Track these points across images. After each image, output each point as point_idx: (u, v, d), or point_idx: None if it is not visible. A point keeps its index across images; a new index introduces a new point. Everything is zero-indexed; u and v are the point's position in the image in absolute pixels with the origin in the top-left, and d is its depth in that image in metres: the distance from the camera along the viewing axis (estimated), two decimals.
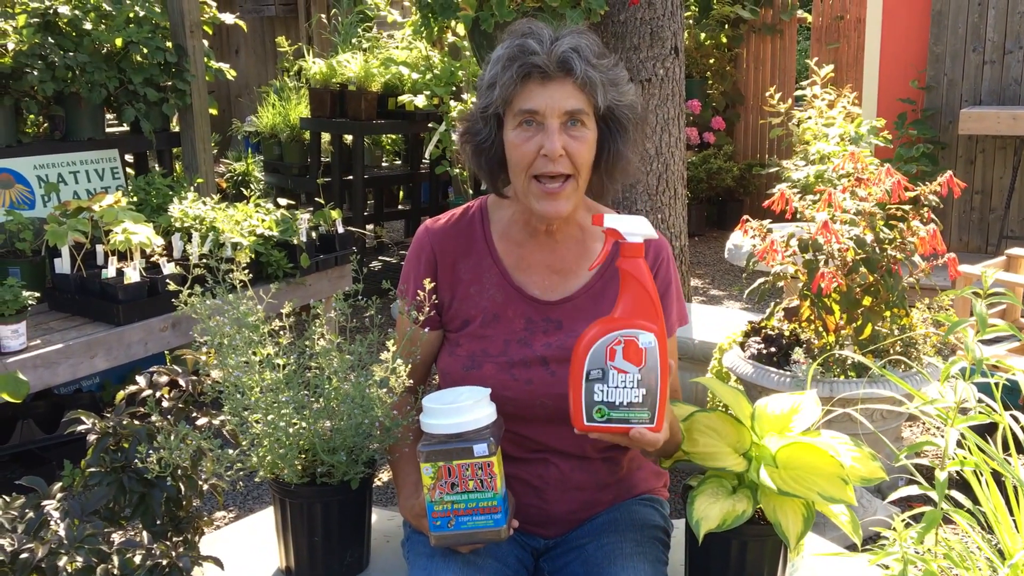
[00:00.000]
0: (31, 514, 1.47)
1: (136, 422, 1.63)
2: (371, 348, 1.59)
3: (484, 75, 1.58)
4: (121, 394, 1.70)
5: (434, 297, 1.60)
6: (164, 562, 1.41)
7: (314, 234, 3.72)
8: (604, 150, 1.57)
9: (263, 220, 3.55)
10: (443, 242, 1.66)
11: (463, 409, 1.43)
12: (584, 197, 1.67)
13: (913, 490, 1.49)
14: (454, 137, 1.72)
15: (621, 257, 1.37)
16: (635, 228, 1.36)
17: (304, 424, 1.52)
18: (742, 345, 2.77)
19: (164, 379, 1.71)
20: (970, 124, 5.38)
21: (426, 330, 1.62)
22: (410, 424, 1.56)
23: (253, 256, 3.38)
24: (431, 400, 1.47)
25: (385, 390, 1.53)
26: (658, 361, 1.34)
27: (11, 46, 3.59)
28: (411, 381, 1.57)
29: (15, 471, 3.14)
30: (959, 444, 1.49)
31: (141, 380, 1.72)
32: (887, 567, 1.44)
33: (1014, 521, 1.49)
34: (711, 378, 1.64)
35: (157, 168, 4.10)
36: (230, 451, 1.56)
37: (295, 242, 3.53)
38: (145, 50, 3.92)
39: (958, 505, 1.51)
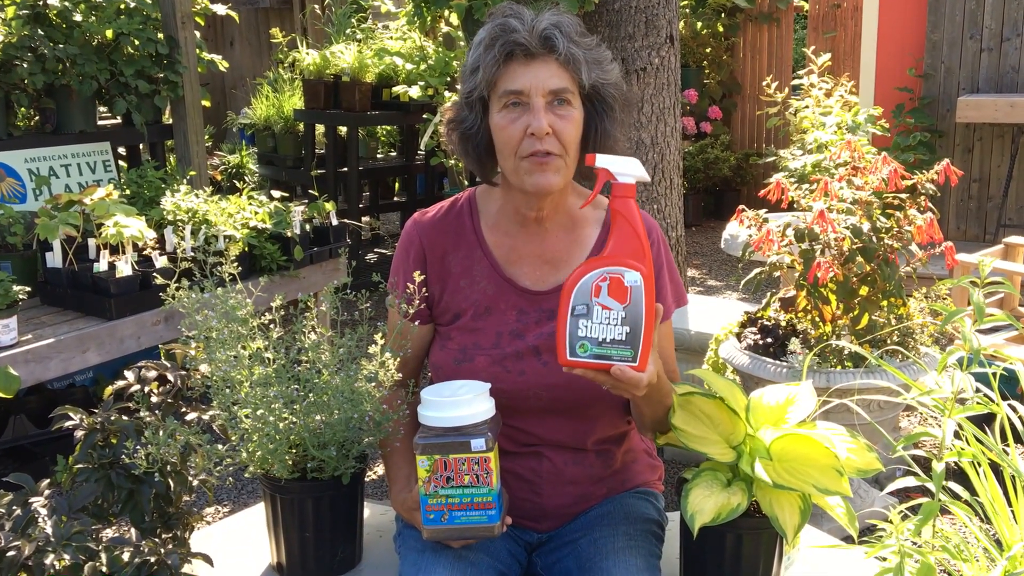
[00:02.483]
0: (18, 511, 1.45)
1: (124, 418, 1.61)
2: (361, 342, 1.58)
3: (467, 60, 1.56)
4: (109, 389, 1.68)
5: (424, 290, 1.58)
6: (152, 559, 1.40)
7: (308, 226, 3.70)
8: (591, 129, 1.56)
9: (256, 213, 3.53)
10: (432, 236, 1.64)
11: (462, 403, 1.42)
12: (575, 185, 1.66)
13: (910, 481, 1.48)
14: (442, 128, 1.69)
15: (612, 197, 1.38)
16: (627, 169, 1.38)
17: (294, 419, 1.51)
18: (738, 336, 2.75)
19: (153, 374, 1.70)
20: (968, 112, 5.36)
21: (416, 323, 1.60)
22: (401, 418, 1.55)
23: (246, 249, 3.36)
24: (430, 392, 1.46)
25: (374, 384, 1.52)
26: (643, 300, 1.34)
27: (0, 38, 3.56)
28: (400, 375, 1.55)
29: (7, 467, 3.12)
30: (956, 435, 1.48)
31: (130, 375, 1.70)
32: (884, 559, 1.43)
33: (1012, 512, 1.48)
34: (706, 370, 1.62)
35: (150, 161, 4.08)
36: (219, 446, 1.54)
37: (289, 235, 3.51)
38: (136, 42, 3.89)
39: (956, 496, 1.49)
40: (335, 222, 3.83)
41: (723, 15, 7.30)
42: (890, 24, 5.90)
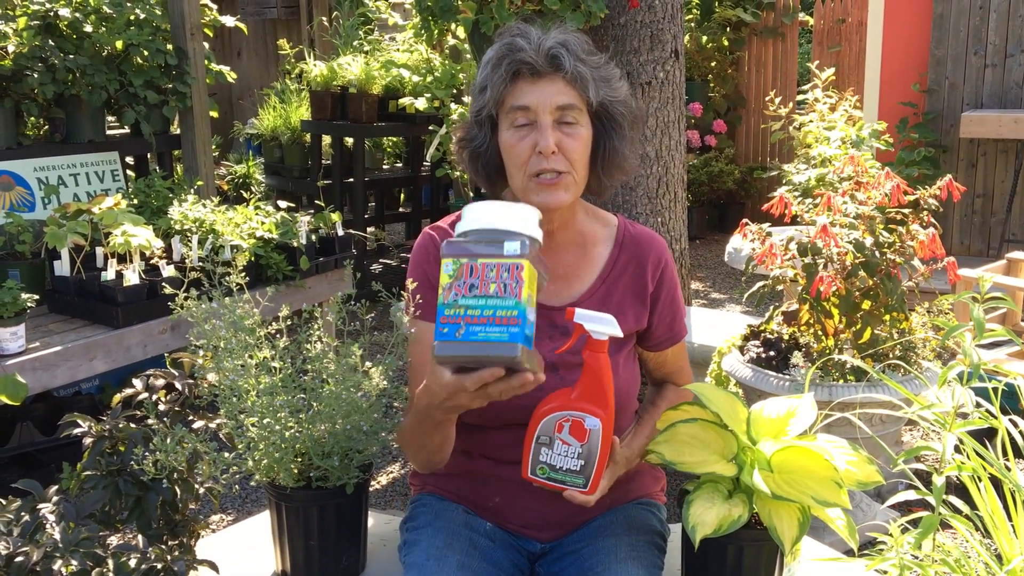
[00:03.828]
0: (27, 517, 1.47)
1: (132, 425, 1.63)
2: (365, 351, 1.59)
3: (476, 80, 1.58)
4: (117, 397, 1.70)
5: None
6: (159, 566, 1.41)
7: (314, 237, 3.72)
8: (600, 147, 1.58)
9: (263, 223, 3.55)
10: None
11: (506, 208, 1.33)
12: (584, 203, 1.67)
13: (911, 495, 1.49)
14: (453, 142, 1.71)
15: (585, 349, 1.45)
16: (601, 327, 1.44)
17: (300, 428, 1.52)
18: (741, 349, 2.76)
19: (160, 382, 1.71)
20: (971, 127, 5.38)
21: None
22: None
23: (253, 259, 3.38)
24: (473, 204, 1.36)
25: (380, 394, 1.53)
26: (599, 440, 1.45)
27: (11, 48, 3.60)
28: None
29: (14, 473, 3.14)
30: (957, 449, 1.49)
31: (137, 383, 1.72)
32: (884, 572, 1.44)
33: (1012, 526, 1.49)
34: (703, 384, 1.63)
35: (157, 170, 4.11)
36: (226, 454, 1.55)
37: (295, 245, 3.53)
38: (146, 52, 3.93)
39: (956, 510, 1.50)
40: (341, 232, 3.85)
41: (728, 29, 7.33)
42: (894, 39, 5.92)
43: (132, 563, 1.40)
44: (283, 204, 3.99)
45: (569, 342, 1.48)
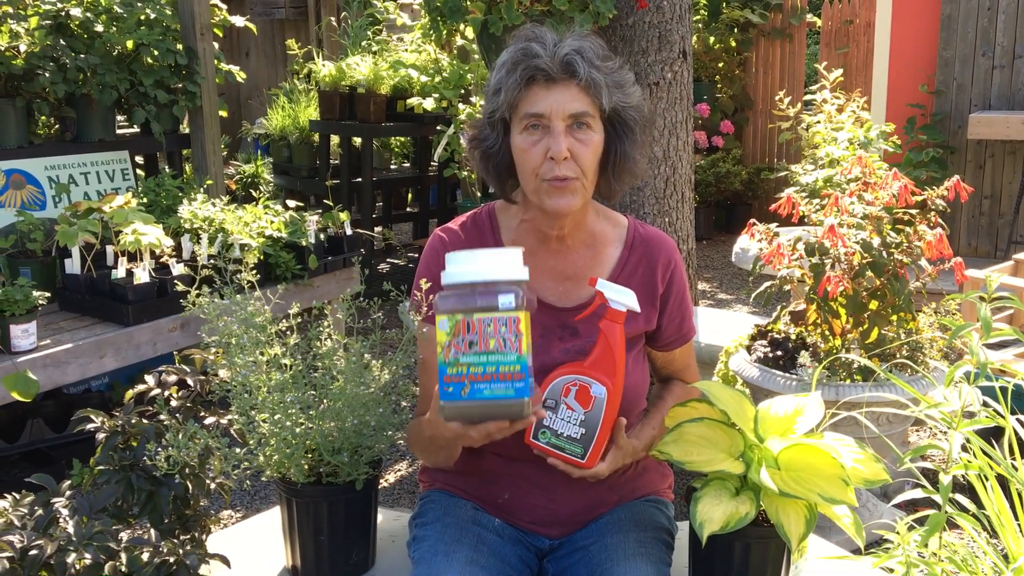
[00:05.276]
0: (40, 511, 1.48)
1: (145, 421, 1.64)
2: (373, 348, 1.60)
3: (490, 81, 1.59)
4: (130, 393, 1.71)
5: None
6: (171, 560, 1.42)
7: (322, 236, 3.73)
8: (611, 151, 1.59)
9: (272, 222, 3.57)
10: (460, 247, 1.66)
11: (491, 256, 1.33)
12: (595, 203, 1.68)
13: (917, 494, 1.49)
14: (462, 140, 1.73)
15: (603, 318, 1.50)
16: (621, 298, 1.49)
17: (310, 424, 1.53)
18: (748, 348, 2.77)
19: (172, 378, 1.73)
20: (979, 128, 5.37)
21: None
22: (407, 422, 1.58)
23: (262, 257, 3.39)
24: (455, 253, 1.37)
25: (385, 395, 1.54)
26: (603, 410, 1.47)
27: (23, 48, 3.62)
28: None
29: (24, 470, 3.16)
30: (964, 448, 1.49)
31: (150, 379, 1.73)
32: (891, 570, 1.45)
33: (1019, 525, 1.49)
34: (710, 382, 1.64)
35: (167, 169, 4.12)
36: (237, 450, 1.57)
37: (303, 244, 3.54)
38: (156, 52, 3.94)
39: (963, 509, 1.51)
40: (349, 232, 3.87)
41: (736, 30, 7.33)
42: (902, 40, 5.92)
43: (144, 557, 1.42)
44: (291, 203, 4.00)
45: (589, 309, 1.52)
